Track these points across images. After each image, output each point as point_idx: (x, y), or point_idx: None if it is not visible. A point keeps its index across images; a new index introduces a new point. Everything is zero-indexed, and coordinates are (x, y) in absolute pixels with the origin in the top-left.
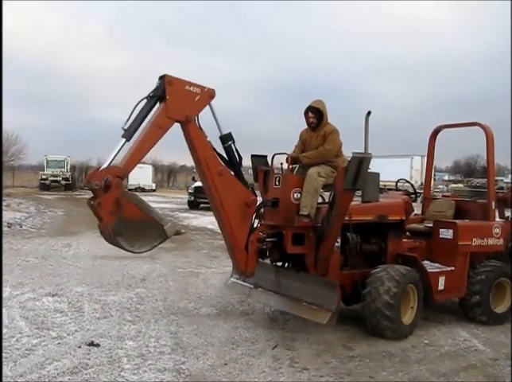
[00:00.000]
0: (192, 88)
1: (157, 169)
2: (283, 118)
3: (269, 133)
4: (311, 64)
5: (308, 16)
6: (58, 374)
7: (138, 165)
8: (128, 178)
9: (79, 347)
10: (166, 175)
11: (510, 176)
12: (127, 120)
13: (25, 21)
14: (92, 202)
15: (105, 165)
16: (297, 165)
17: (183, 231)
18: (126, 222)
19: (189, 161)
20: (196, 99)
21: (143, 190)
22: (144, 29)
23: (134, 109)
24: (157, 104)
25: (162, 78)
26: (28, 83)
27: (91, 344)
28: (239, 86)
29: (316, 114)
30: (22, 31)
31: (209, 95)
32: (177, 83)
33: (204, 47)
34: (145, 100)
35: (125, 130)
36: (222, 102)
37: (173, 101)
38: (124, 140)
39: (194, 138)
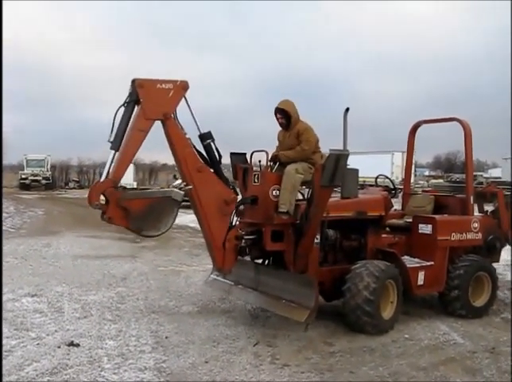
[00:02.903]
0: (163, 85)
1: (139, 167)
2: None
3: (262, 131)
4: (304, 62)
5: (301, 14)
6: (37, 375)
7: None
8: None
9: (59, 347)
10: (147, 173)
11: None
12: (111, 132)
13: (11, 17)
14: (104, 217)
15: (101, 180)
16: (277, 163)
17: None
18: (140, 217)
19: (170, 160)
20: (170, 94)
21: (124, 189)
22: (134, 27)
23: (115, 119)
24: (135, 108)
25: (133, 82)
26: (6, 80)
27: (71, 344)
28: (233, 84)
29: (283, 115)
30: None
31: (182, 87)
32: (148, 84)
33: (197, 46)
34: (123, 108)
35: (111, 142)
36: (215, 100)
37: (148, 102)
38: (113, 152)
39: (173, 135)
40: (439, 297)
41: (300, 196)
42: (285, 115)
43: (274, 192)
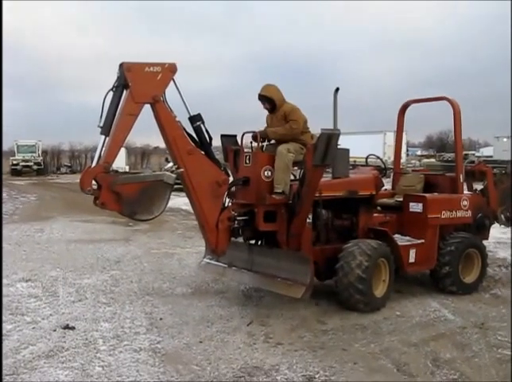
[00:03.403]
0: (151, 68)
1: (130, 151)
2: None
3: (253, 112)
4: (298, 42)
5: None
6: (33, 358)
7: None
8: None
9: (54, 330)
10: (139, 157)
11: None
12: (100, 117)
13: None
14: (97, 202)
15: (92, 165)
16: (266, 143)
17: None
18: (132, 201)
19: (162, 143)
20: (159, 77)
21: (116, 173)
22: (124, 8)
23: (104, 104)
24: (124, 92)
25: (121, 66)
26: None
27: (66, 327)
28: (223, 65)
29: (266, 101)
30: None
31: (170, 69)
32: (135, 67)
33: (188, 25)
34: (112, 92)
35: (101, 127)
36: (205, 81)
37: (136, 86)
38: (103, 137)
39: (162, 118)
40: (430, 274)
41: (292, 177)
42: (269, 101)
43: (266, 172)
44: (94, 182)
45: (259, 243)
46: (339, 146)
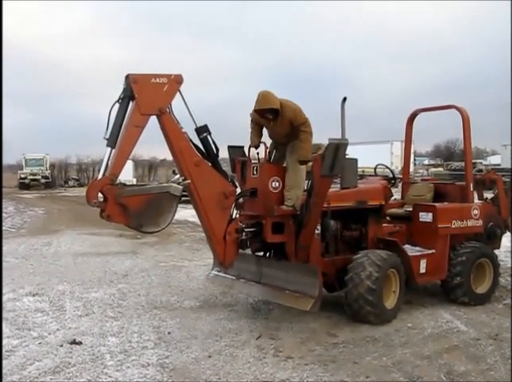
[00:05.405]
0: (158, 80)
1: (138, 163)
2: None
3: None
4: (307, 52)
5: (304, 3)
6: (40, 374)
7: None
8: None
9: (61, 346)
10: (147, 169)
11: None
12: (106, 129)
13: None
14: (103, 215)
15: (99, 178)
16: (274, 152)
17: None
18: (139, 213)
19: (169, 155)
20: (165, 88)
21: (124, 186)
22: (134, 17)
23: (110, 116)
24: (130, 104)
25: (127, 78)
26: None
27: (73, 342)
28: (233, 73)
29: (271, 113)
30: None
31: (176, 81)
32: (141, 79)
33: (197, 35)
34: (118, 104)
35: (107, 139)
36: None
37: (142, 97)
38: (109, 149)
39: (169, 130)
40: (441, 284)
41: None
42: (273, 112)
43: (274, 183)
44: (100, 195)
45: (267, 254)
46: (347, 156)
